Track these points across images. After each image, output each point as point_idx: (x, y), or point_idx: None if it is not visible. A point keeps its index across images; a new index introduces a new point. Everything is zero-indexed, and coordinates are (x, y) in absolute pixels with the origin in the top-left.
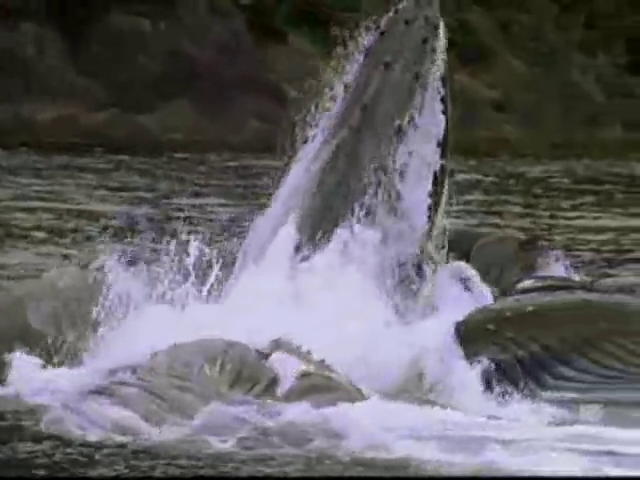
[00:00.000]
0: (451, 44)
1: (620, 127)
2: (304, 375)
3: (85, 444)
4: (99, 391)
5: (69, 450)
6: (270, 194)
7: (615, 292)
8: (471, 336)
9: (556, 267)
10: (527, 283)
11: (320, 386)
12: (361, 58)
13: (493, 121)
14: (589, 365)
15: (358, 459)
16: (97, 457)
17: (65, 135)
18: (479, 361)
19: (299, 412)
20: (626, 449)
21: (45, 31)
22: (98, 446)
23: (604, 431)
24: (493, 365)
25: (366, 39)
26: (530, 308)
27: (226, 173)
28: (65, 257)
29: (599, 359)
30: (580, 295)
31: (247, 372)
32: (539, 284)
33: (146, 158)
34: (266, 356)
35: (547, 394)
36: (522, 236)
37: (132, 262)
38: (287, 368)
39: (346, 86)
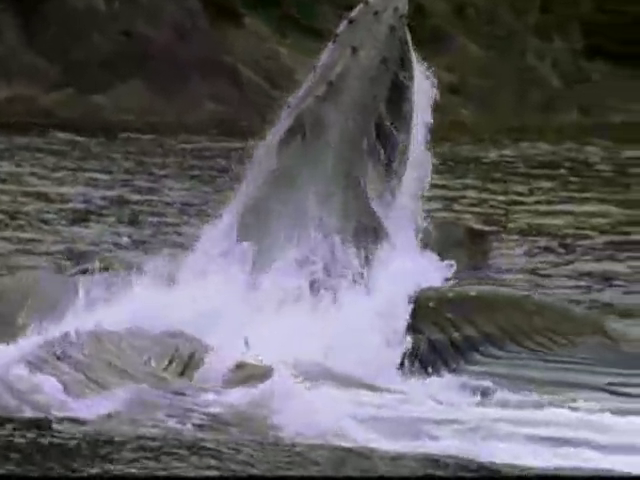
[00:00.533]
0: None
1: (576, 112)
2: (239, 366)
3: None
4: (34, 363)
5: (28, 434)
6: (229, 177)
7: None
8: (417, 313)
9: (513, 254)
10: (450, 283)
11: (257, 375)
12: (330, 44)
13: (449, 105)
14: (521, 349)
15: (302, 443)
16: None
17: (22, 115)
18: (417, 339)
19: (238, 396)
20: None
21: (1, 13)
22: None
23: (537, 413)
24: (426, 344)
25: (337, 28)
26: (473, 293)
27: (182, 155)
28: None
29: (531, 347)
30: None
31: (194, 364)
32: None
33: (102, 139)
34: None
35: (474, 368)
36: (475, 224)
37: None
38: (224, 361)
39: (314, 67)
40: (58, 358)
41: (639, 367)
